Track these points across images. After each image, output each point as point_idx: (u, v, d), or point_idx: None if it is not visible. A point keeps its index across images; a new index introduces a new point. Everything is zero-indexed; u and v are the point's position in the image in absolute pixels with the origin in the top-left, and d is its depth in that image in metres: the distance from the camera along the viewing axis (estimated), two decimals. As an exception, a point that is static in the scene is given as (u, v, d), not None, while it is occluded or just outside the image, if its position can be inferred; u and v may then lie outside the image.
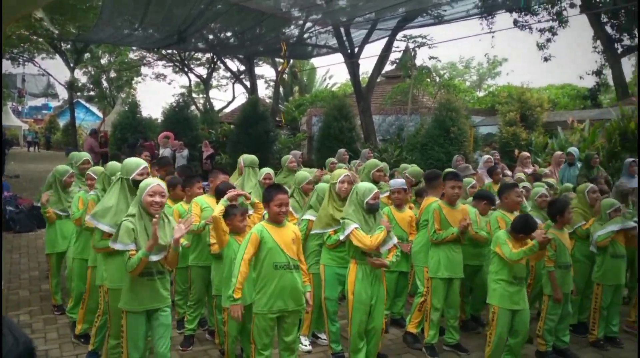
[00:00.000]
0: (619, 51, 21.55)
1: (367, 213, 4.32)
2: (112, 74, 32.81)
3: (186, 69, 29.72)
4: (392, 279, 5.43)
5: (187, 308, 5.38)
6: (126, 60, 30.25)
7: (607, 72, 22.48)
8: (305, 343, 5.13)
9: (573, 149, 9.55)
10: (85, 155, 6.58)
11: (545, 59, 22.95)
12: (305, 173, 5.97)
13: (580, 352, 5.25)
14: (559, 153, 9.56)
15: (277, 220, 4.09)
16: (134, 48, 27.36)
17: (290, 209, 4.98)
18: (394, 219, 5.38)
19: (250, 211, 4.84)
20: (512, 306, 4.49)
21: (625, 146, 10.63)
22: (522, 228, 4.47)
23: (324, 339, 5.22)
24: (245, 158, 7.22)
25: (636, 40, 21.31)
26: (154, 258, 3.73)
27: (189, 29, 15.62)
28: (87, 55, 30.10)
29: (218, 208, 4.32)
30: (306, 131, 23.12)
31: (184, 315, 5.46)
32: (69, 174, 5.99)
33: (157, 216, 3.75)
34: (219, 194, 4.68)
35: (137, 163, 4.16)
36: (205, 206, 5.11)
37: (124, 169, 4.14)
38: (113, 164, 4.80)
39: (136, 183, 3.99)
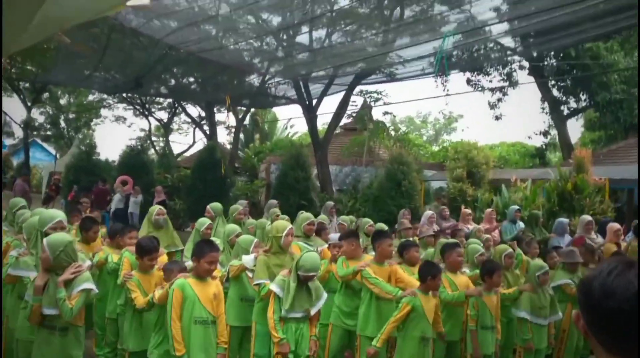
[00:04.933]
0: (564, 113, 22.60)
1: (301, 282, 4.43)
2: (71, 115, 32.53)
3: (146, 113, 29.70)
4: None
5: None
6: (85, 101, 30.06)
7: (555, 132, 23.45)
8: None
9: (514, 208, 9.86)
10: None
11: (497, 118, 23.89)
12: (234, 226, 6.09)
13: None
14: (489, 210, 9.86)
15: (203, 276, 4.15)
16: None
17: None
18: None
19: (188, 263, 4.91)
20: None
21: (563, 206, 11.06)
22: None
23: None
24: (214, 206, 7.37)
25: (582, 103, 22.45)
26: (48, 311, 3.70)
27: (147, 75, 15.76)
28: (45, 94, 29.83)
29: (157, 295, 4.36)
30: (265, 179, 23.24)
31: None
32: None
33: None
34: (139, 250, 4.75)
35: (52, 215, 4.09)
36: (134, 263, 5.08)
37: (39, 222, 4.08)
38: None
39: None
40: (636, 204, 15.82)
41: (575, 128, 54.03)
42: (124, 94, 26.26)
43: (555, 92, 22.31)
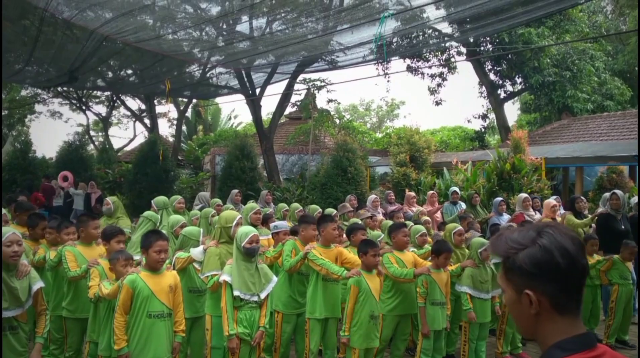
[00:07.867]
0: (501, 96, 23.32)
1: (245, 256, 4.43)
2: (3, 112, 31.07)
3: (83, 107, 28.73)
4: None
5: (65, 358, 5.18)
6: (17, 97, 28.77)
7: (493, 116, 24.18)
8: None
9: (453, 189, 10.16)
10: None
11: (437, 103, 24.42)
12: (178, 217, 6.06)
13: (452, 383, 5.55)
14: (430, 192, 10.19)
15: (154, 267, 4.11)
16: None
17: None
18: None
19: (137, 257, 4.87)
20: (368, 345, 4.74)
21: (502, 186, 11.48)
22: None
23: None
24: (157, 201, 7.30)
25: (518, 86, 23.23)
26: (9, 313, 3.59)
27: (82, 67, 15.23)
28: (-27, 90, 28.36)
29: (112, 289, 4.25)
30: (209, 171, 22.97)
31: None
32: None
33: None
34: (105, 237, 4.75)
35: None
36: (79, 255, 4.98)
37: None
38: None
39: None
40: (571, 182, 16.57)
41: (512, 111, 55.87)
42: (59, 89, 25.31)
43: (492, 76, 22.97)
